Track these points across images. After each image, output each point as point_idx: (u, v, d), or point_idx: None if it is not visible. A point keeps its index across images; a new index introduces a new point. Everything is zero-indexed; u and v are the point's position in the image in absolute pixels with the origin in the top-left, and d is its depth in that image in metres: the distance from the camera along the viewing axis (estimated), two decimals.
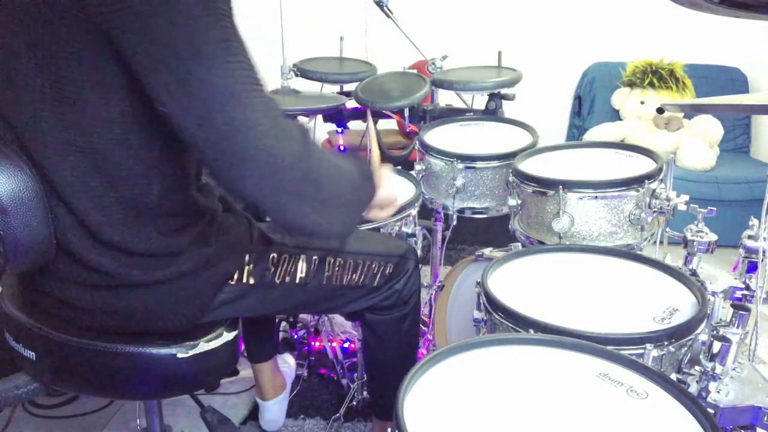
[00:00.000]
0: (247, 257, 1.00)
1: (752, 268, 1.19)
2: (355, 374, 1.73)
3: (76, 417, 1.73)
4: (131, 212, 0.87)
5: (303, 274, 1.07)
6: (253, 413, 1.75)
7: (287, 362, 1.84)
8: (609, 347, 0.85)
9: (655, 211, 1.25)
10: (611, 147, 1.52)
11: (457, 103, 2.03)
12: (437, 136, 1.70)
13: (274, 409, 1.66)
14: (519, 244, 1.40)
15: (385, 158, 2.20)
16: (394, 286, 1.20)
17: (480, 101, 1.94)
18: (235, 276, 0.99)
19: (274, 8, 2.15)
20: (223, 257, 0.96)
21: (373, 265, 1.15)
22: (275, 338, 1.65)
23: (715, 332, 0.97)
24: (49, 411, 1.75)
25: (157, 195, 0.87)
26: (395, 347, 1.27)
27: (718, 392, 0.91)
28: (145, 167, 0.85)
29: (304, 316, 1.96)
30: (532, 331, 0.92)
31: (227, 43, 0.75)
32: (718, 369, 0.92)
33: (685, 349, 0.94)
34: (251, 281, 1.00)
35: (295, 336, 1.94)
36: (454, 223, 1.63)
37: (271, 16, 2.60)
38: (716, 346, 0.92)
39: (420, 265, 1.31)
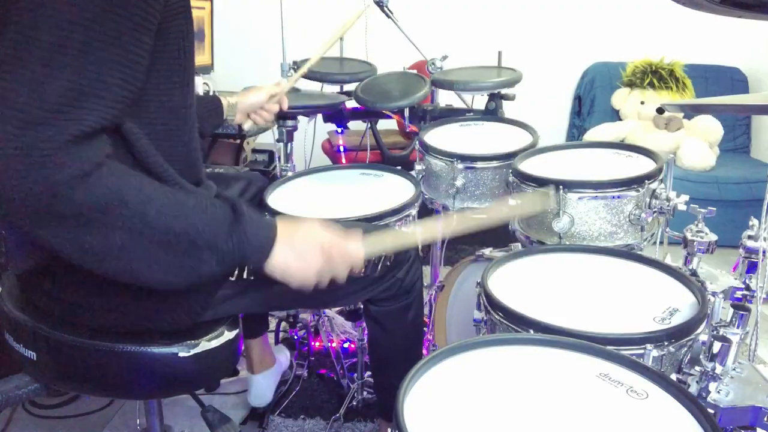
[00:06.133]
0: None
1: (752, 268, 1.19)
2: (355, 374, 1.73)
3: (76, 417, 1.73)
4: None
5: None
6: (254, 413, 1.75)
7: (284, 353, 1.85)
8: (609, 347, 0.85)
9: (655, 211, 1.25)
10: (611, 147, 1.52)
11: (457, 103, 2.03)
12: (437, 136, 1.70)
13: (262, 384, 1.68)
14: (519, 244, 1.40)
15: (385, 158, 2.21)
16: (396, 275, 1.19)
17: (480, 101, 1.93)
18: (236, 272, 0.98)
19: (274, 8, 2.15)
20: None
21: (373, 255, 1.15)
22: (266, 318, 1.71)
23: (715, 332, 0.97)
24: (50, 411, 1.75)
25: None
26: (401, 338, 1.27)
27: (718, 392, 0.91)
28: (142, 161, 0.84)
29: (304, 316, 1.96)
30: (532, 331, 0.92)
31: None
32: (718, 369, 0.92)
33: (686, 349, 0.94)
34: (252, 277, 1.00)
35: (295, 336, 1.94)
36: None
37: (271, 16, 2.60)
38: (716, 346, 0.92)
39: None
